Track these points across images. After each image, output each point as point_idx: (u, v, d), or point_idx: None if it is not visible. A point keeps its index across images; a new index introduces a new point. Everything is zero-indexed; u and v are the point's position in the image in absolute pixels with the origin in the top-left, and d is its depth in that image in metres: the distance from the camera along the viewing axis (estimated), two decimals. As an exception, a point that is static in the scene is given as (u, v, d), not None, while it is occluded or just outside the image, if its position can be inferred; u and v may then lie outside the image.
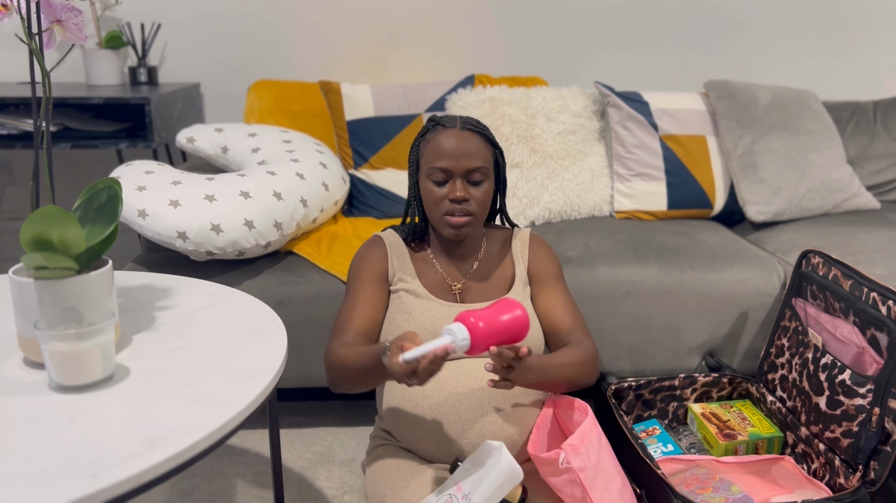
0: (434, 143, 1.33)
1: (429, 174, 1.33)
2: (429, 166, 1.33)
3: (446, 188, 1.32)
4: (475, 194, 1.33)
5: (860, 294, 1.45)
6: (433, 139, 1.34)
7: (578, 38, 2.62)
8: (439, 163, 1.31)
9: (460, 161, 1.31)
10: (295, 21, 2.52)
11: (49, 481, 0.76)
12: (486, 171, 1.34)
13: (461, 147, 1.31)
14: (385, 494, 1.24)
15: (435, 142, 1.33)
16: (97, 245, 1.00)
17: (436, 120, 1.37)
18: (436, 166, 1.31)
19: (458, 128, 1.33)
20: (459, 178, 1.32)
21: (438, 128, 1.35)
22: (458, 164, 1.31)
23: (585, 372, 1.33)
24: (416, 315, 1.34)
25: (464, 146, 1.31)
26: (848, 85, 2.73)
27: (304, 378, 1.77)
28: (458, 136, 1.32)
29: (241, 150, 1.97)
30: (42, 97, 1.02)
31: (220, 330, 1.14)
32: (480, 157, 1.32)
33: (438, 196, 1.33)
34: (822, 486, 1.41)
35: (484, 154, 1.33)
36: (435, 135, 1.34)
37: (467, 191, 1.32)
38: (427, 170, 1.33)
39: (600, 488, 1.17)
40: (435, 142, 1.33)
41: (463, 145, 1.31)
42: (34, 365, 1.02)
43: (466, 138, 1.32)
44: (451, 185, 1.32)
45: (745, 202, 2.18)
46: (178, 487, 1.63)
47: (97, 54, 2.37)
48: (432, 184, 1.33)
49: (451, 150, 1.31)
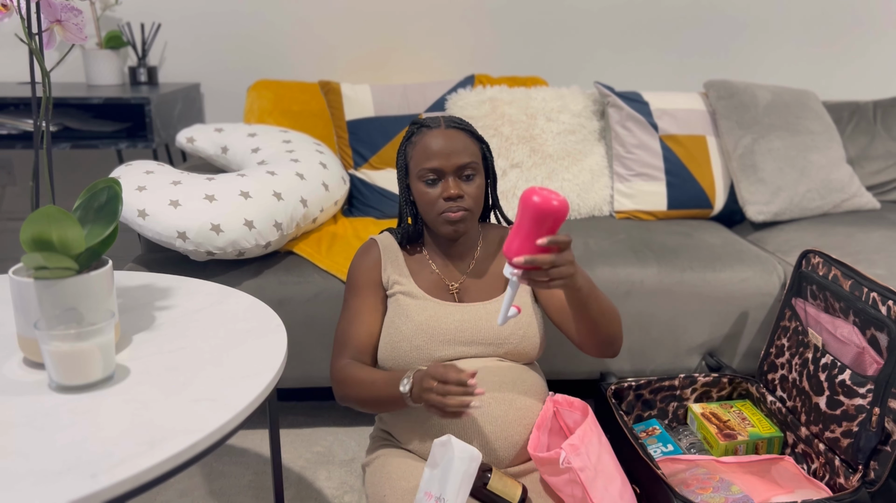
0: (421, 144, 1.33)
1: (420, 176, 1.33)
2: (419, 168, 1.33)
3: (439, 188, 1.33)
4: (468, 190, 1.33)
5: (860, 294, 1.45)
6: (419, 141, 1.34)
7: (578, 38, 2.62)
8: (429, 163, 1.31)
9: (450, 159, 1.31)
10: (295, 21, 2.52)
11: (49, 481, 0.76)
12: (476, 167, 1.34)
13: (449, 145, 1.31)
14: (385, 494, 1.24)
15: (422, 143, 1.33)
16: (97, 245, 1.00)
17: (419, 122, 1.38)
18: (426, 167, 1.32)
19: (442, 127, 1.34)
20: (451, 175, 1.32)
21: (423, 129, 1.35)
22: (448, 161, 1.31)
23: (617, 321, 1.31)
24: (414, 316, 1.34)
25: (451, 144, 1.32)
26: (848, 85, 2.73)
27: (304, 378, 1.77)
28: (444, 135, 1.32)
29: (241, 150, 1.97)
30: (42, 97, 1.02)
31: (220, 330, 1.14)
32: (469, 152, 1.33)
33: (432, 196, 1.33)
34: (822, 486, 1.41)
35: (472, 149, 1.34)
36: (420, 137, 1.34)
37: (460, 187, 1.32)
38: (417, 172, 1.33)
39: (600, 488, 1.17)
40: (422, 143, 1.33)
41: (450, 143, 1.32)
42: (34, 365, 1.02)
43: (452, 136, 1.33)
44: (443, 184, 1.32)
45: (745, 202, 2.18)
46: (178, 487, 1.63)
47: (97, 54, 2.37)
48: (424, 185, 1.33)
49: (440, 149, 1.31)
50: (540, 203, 1.03)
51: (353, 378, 1.32)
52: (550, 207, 1.03)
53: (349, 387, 1.32)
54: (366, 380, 1.30)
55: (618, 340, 1.32)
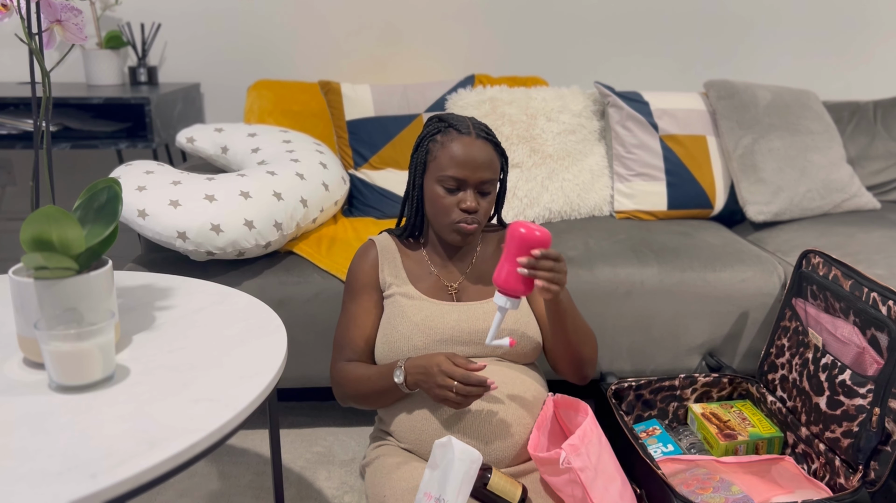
0: (448, 148, 1.31)
1: (440, 180, 1.32)
2: (442, 173, 1.31)
3: (457, 196, 1.32)
4: (483, 204, 1.34)
5: (860, 294, 1.45)
6: (447, 144, 1.32)
7: (578, 38, 2.62)
8: (454, 171, 1.30)
9: (476, 172, 1.31)
10: (295, 21, 2.52)
11: (49, 481, 0.76)
12: (495, 183, 1.36)
13: (478, 157, 1.31)
14: (385, 494, 1.24)
15: (449, 147, 1.31)
16: (97, 245, 1.00)
17: (447, 121, 1.35)
18: (450, 174, 1.31)
19: (473, 135, 1.32)
20: (472, 188, 1.32)
21: (452, 131, 1.33)
22: (473, 175, 1.31)
23: (594, 346, 1.38)
24: (410, 316, 1.34)
25: (480, 156, 1.31)
26: (848, 85, 2.73)
27: (304, 378, 1.77)
28: (473, 145, 1.31)
29: (241, 150, 1.97)
30: (42, 97, 1.02)
31: (220, 330, 1.14)
32: (493, 168, 1.33)
33: (448, 203, 1.32)
34: (822, 486, 1.41)
35: (495, 165, 1.34)
36: (449, 139, 1.32)
37: (477, 201, 1.32)
38: (439, 176, 1.32)
39: (600, 488, 1.17)
40: (449, 147, 1.31)
41: (479, 156, 1.31)
42: (34, 365, 1.02)
43: (481, 148, 1.32)
44: (463, 195, 1.32)
45: (745, 202, 2.18)
46: (178, 487, 1.63)
47: (97, 54, 2.37)
48: (443, 190, 1.33)
49: (468, 160, 1.30)
50: (525, 234, 1.18)
51: (350, 376, 1.36)
52: (534, 237, 1.18)
53: (348, 386, 1.36)
54: (361, 376, 1.34)
55: (588, 365, 1.38)
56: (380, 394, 1.33)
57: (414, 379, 1.26)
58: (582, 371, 1.38)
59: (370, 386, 1.33)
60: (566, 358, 1.36)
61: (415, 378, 1.26)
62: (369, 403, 1.38)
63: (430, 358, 1.24)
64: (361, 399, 1.37)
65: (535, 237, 1.17)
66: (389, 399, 1.33)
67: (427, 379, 1.23)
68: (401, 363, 1.27)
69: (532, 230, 1.18)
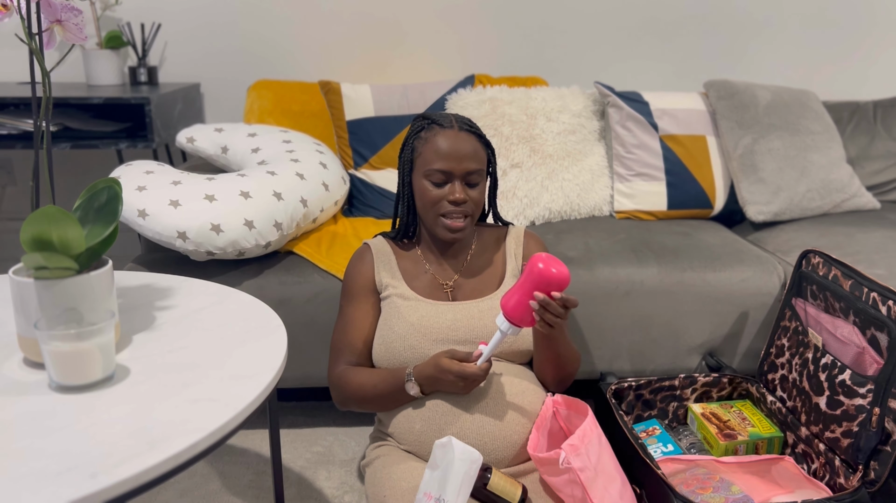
0: (432, 143, 1.33)
1: (427, 175, 1.34)
2: (428, 167, 1.33)
3: (445, 189, 1.33)
4: (472, 195, 1.34)
5: (860, 294, 1.45)
6: (431, 139, 1.34)
7: (578, 39, 2.62)
8: (440, 164, 1.32)
9: (461, 163, 1.32)
10: (295, 21, 2.52)
11: (49, 481, 0.76)
12: (482, 173, 1.36)
13: (461, 149, 1.32)
14: (385, 494, 1.24)
15: (433, 142, 1.33)
16: (97, 245, 1.00)
17: (430, 118, 1.38)
18: (436, 168, 1.32)
19: (455, 128, 1.34)
20: (458, 180, 1.33)
21: (434, 127, 1.35)
22: (458, 166, 1.32)
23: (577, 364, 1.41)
24: (407, 316, 1.35)
25: (464, 148, 1.32)
26: (848, 85, 2.73)
27: (304, 378, 1.77)
28: (456, 137, 1.33)
29: (241, 150, 1.97)
30: (42, 97, 1.02)
31: (220, 330, 1.14)
32: (478, 159, 1.34)
33: (436, 196, 1.33)
34: (822, 486, 1.41)
35: (481, 156, 1.35)
36: (432, 134, 1.34)
37: (466, 192, 1.33)
38: (425, 170, 1.34)
39: (600, 488, 1.17)
40: (433, 142, 1.33)
41: (463, 147, 1.32)
42: (34, 365, 1.02)
43: (465, 139, 1.33)
44: (450, 187, 1.33)
45: (745, 202, 2.18)
46: (178, 487, 1.63)
47: (97, 54, 2.37)
48: (430, 184, 1.34)
49: (452, 151, 1.32)
50: (544, 270, 1.16)
51: (353, 381, 1.36)
52: (551, 275, 1.16)
53: (349, 391, 1.36)
54: (365, 382, 1.35)
55: (570, 379, 1.41)
56: (387, 400, 1.34)
57: (429, 389, 1.29)
58: (562, 383, 1.41)
59: (376, 392, 1.34)
60: (548, 371, 1.38)
61: (429, 389, 1.29)
62: (372, 407, 1.38)
63: (435, 365, 1.26)
64: (365, 403, 1.37)
65: (553, 275, 1.16)
66: (396, 404, 1.34)
67: (439, 385, 1.27)
68: (410, 375, 1.29)
69: (549, 267, 1.16)
